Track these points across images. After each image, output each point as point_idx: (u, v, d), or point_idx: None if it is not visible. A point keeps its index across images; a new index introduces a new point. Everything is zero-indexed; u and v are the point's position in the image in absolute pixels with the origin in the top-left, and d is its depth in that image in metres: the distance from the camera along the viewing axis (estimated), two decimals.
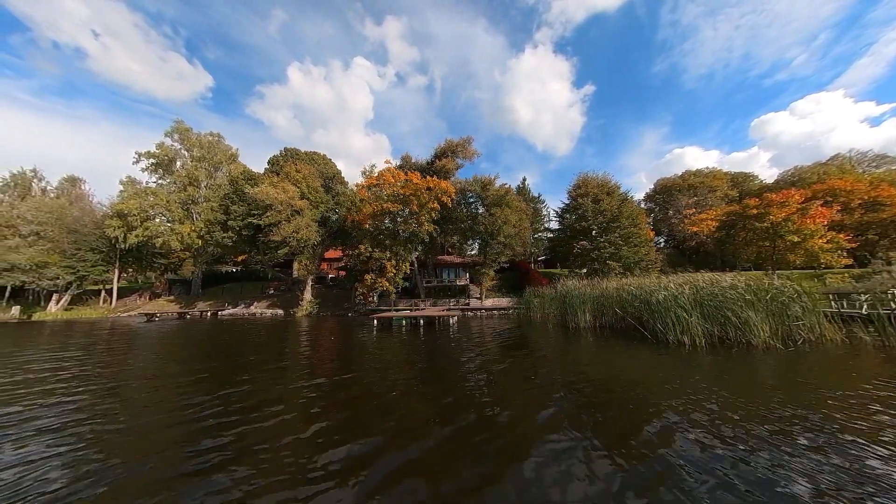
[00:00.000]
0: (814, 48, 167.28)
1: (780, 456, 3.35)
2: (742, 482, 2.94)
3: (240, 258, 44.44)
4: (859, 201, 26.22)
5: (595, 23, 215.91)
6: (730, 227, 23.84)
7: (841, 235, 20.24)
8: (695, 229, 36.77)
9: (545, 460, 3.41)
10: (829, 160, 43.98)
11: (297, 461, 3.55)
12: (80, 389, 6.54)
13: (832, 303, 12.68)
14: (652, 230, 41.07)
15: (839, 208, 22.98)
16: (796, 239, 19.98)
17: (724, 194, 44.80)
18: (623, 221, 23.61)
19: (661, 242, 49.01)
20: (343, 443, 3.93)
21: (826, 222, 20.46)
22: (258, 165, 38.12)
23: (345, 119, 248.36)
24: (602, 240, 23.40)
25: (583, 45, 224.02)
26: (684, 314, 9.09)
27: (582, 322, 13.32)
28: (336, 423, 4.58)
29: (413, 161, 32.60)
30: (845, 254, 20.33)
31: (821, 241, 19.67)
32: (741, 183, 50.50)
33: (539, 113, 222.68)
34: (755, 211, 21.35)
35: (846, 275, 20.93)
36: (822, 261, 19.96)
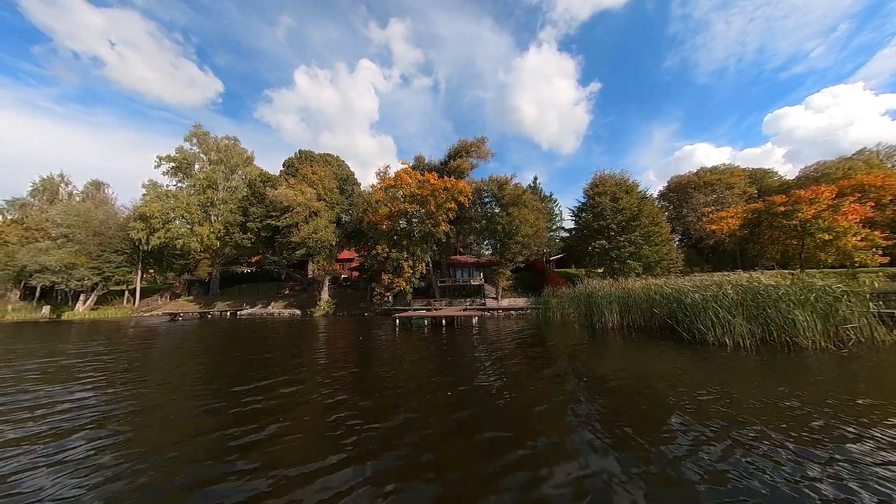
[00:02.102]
0: (833, 39, 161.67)
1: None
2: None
3: (254, 259, 45.38)
4: (891, 197, 25.19)
5: (601, 20, 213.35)
6: (754, 225, 23.20)
7: (876, 233, 19.48)
8: (713, 227, 35.87)
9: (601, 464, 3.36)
10: (855, 154, 42.43)
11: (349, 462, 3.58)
12: (132, 382, 6.76)
13: (870, 303, 12.20)
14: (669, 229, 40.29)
15: (872, 204, 22.13)
16: (827, 237, 19.31)
17: (742, 191, 43.63)
18: (643, 220, 23.20)
19: (675, 241, 48.10)
20: (395, 443, 3.96)
21: (859, 219, 19.74)
22: (267, 168, 38.83)
23: (351, 121, 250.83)
24: (622, 239, 23.03)
25: (588, 42, 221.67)
26: (727, 314, 8.86)
27: (609, 322, 13.13)
28: (389, 422, 4.61)
29: (426, 161, 32.65)
30: (880, 252, 19.55)
31: (854, 238, 18.96)
32: (760, 179, 49.16)
33: (544, 111, 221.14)
34: (783, 208, 20.72)
35: (880, 273, 20.11)
36: (855, 259, 19.25)
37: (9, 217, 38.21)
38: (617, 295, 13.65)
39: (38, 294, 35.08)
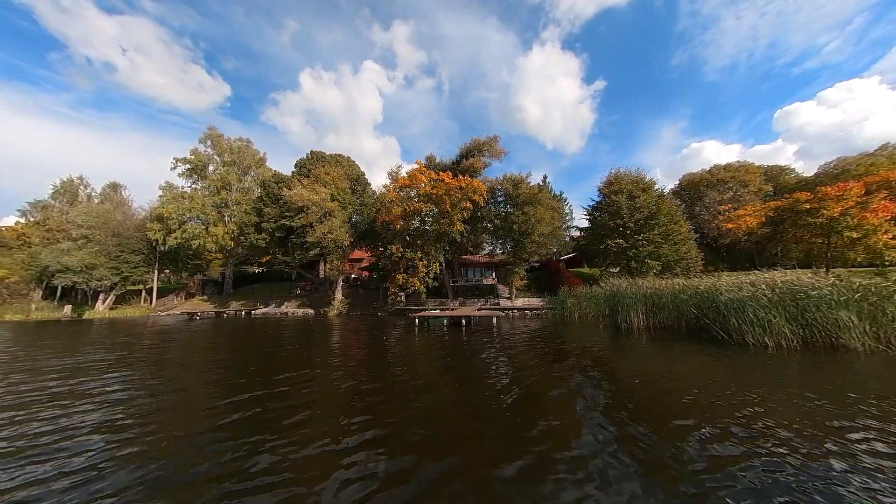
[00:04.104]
0: (848, 33, 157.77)
1: None
2: None
3: (265, 259, 45.86)
4: None
5: (605, 18, 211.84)
6: (777, 224, 22.61)
7: None
8: (730, 226, 35.14)
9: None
10: (877, 150, 41.18)
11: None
12: (170, 374, 6.84)
13: None
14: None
15: None
16: (856, 235, 18.70)
17: (757, 189, 42.68)
18: (662, 219, 22.83)
19: (693, 240, 47.21)
20: (439, 451, 3.88)
21: (890, 216, 19.08)
22: (275, 170, 39.15)
23: (355, 122, 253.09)
24: (640, 238, 22.67)
25: (592, 40, 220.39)
26: (769, 315, 8.60)
27: (636, 322, 12.90)
28: (440, 426, 4.54)
29: (437, 161, 32.60)
30: None
31: (885, 236, 18.34)
32: (775, 177, 48.10)
33: (548, 111, 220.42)
34: (808, 205, 20.13)
35: None
36: (886, 258, 18.62)
37: (31, 219, 39.26)
38: (643, 294, 13.41)
39: (59, 294, 35.93)
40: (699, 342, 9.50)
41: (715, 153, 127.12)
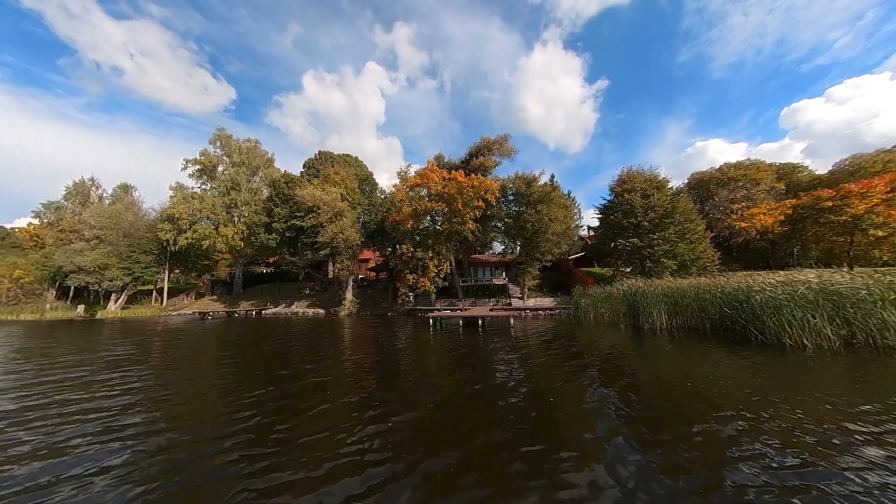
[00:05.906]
0: (859, 28, 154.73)
1: None
2: None
3: (272, 259, 45.85)
4: None
5: (608, 17, 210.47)
6: (796, 222, 22.12)
7: None
8: (744, 225, 34.48)
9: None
10: (895, 146, 40.20)
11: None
12: (195, 370, 6.73)
13: None
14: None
15: None
16: (881, 233, 18.23)
17: (769, 187, 41.89)
18: (677, 217, 22.43)
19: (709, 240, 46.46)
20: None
21: None
22: (284, 170, 39.25)
23: (357, 123, 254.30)
24: (655, 236, 22.28)
25: (595, 39, 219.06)
26: (807, 315, 8.29)
27: (658, 323, 12.60)
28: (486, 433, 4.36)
29: (446, 160, 32.41)
30: None
31: None
32: (788, 175, 47.21)
33: (550, 110, 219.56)
34: (830, 203, 19.68)
35: None
36: None
37: (45, 220, 39.79)
38: (664, 294, 13.10)
39: (71, 294, 36.35)
40: (731, 343, 9.19)
41: (720, 151, 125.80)
